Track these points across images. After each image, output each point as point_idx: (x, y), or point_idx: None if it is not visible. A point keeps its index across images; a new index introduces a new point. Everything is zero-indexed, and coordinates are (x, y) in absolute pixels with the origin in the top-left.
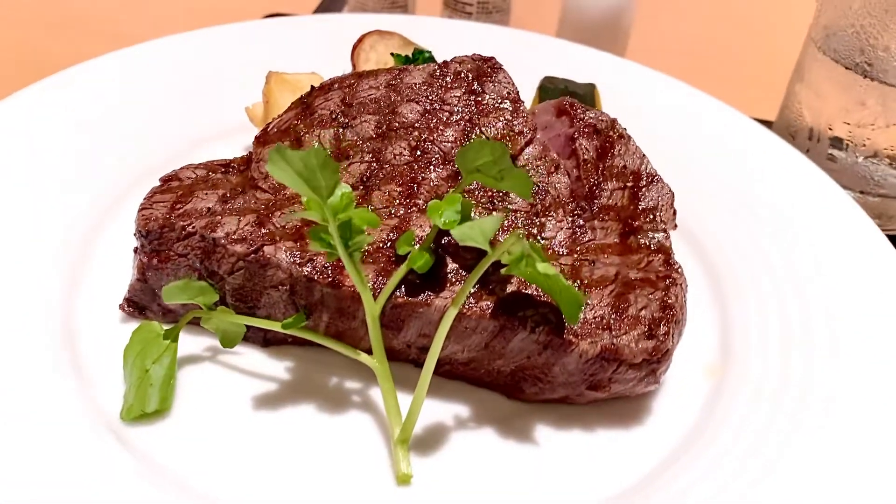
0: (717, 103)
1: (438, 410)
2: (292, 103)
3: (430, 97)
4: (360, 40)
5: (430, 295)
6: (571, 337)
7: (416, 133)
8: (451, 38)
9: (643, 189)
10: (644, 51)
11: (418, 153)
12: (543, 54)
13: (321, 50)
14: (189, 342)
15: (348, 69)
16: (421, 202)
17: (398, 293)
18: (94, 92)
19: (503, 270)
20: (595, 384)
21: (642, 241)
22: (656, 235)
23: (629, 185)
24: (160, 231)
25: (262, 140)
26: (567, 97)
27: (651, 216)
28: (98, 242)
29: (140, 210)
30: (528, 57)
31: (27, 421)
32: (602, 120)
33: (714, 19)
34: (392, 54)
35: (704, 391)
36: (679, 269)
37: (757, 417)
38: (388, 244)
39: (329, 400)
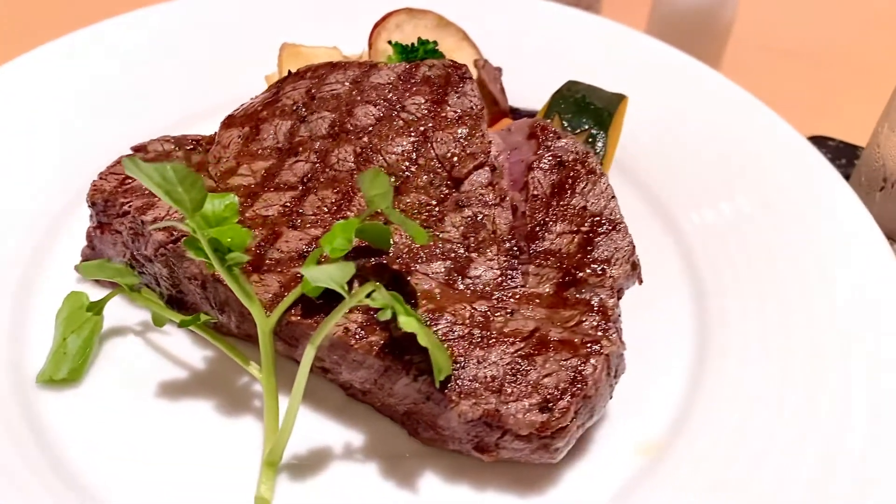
0: (788, 132)
1: (334, 433)
2: (269, 85)
3: (390, 101)
4: (384, 18)
5: (323, 318)
6: (453, 394)
7: (365, 139)
8: (497, 18)
9: (600, 236)
10: (747, 50)
11: (362, 161)
12: (601, 47)
13: (348, 22)
14: (129, 312)
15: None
16: (352, 214)
17: (293, 310)
18: (112, 54)
19: (378, 315)
20: (481, 447)
21: (582, 295)
22: (600, 292)
23: (583, 229)
24: (104, 204)
25: (227, 123)
26: (540, 119)
27: (600, 269)
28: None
29: (95, 179)
30: (581, 49)
31: None
32: (571, 151)
33: (837, 21)
34: (390, 42)
35: (629, 470)
36: (612, 336)
37: None
38: (304, 255)
39: (231, 401)
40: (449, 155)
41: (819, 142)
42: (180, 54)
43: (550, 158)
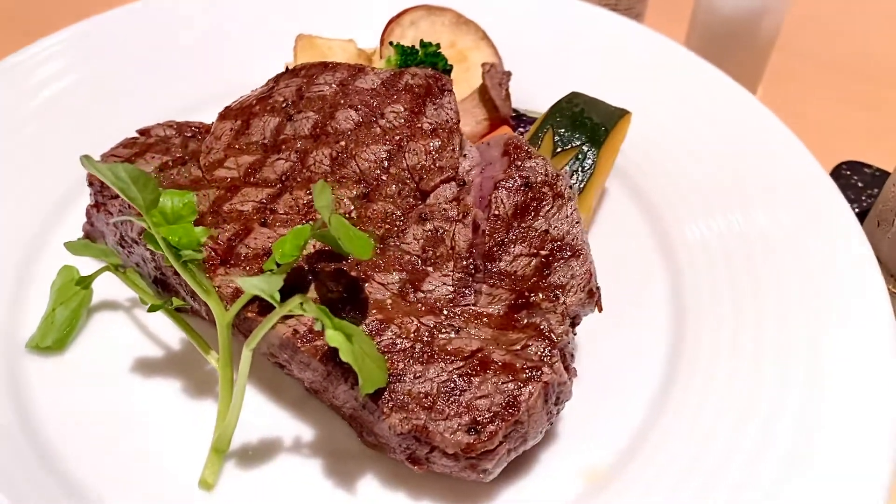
0: (804, 157)
1: (288, 426)
2: (268, 80)
3: (371, 107)
4: (400, 14)
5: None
6: (385, 406)
7: (342, 143)
8: (522, 16)
9: (558, 262)
10: (794, 60)
11: (337, 165)
12: (628, 52)
13: (369, 15)
14: (121, 289)
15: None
16: (320, 217)
17: (251, 307)
18: (137, 36)
19: (315, 325)
20: (413, 459)
21: (532, 320)
22: (551, 318)
23: (542, 253)
24: (100, 185)
25: (223, 114)
26: (515, 136)
27: (554, 295)
28: None
29: (98, 158)
30: (606, 53)
31: None
32: (540, 173)
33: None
34: (391, 43)
35: (569, 495)
36: (555, 365)
37: None
38: (269, 253)
39: (200, 384)
40: (419, 166)
41: (854, 167)
42: (204, 38)
43: (518, 178)
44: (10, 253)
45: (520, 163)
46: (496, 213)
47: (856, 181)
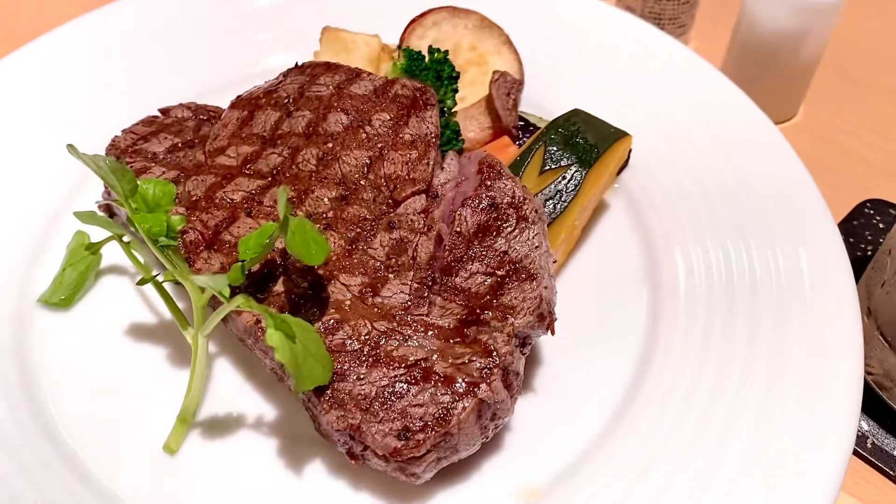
0: (812, 195)
1: (254, 404)
2: (280, 73)
3: (361, 113)
4: (422, 14)
5: None
6: (325, 402)
7: (329, 145)
8: (546, 23)
9: (513, 283)
10: (838, 85)
11: (322, 165)
12: (656, 69)
13: (402, 11)
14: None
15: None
16: (301, 213)
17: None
18: (176, 13)
19: (263, 323)
20: (351, 454)
21: (480, 336)
22: (498, 337)
23: (499, 273)
24: (115, 158)
25: (233, 103)
26: (489, 155)
27: (503, 315)
28: None
29: (116, 135)
30: (633, 69)
31: None
32: (507, 194)
33: None
34: (399, 47)
35: None
36: (493, 384)
37: None
38: None
39: (184, 353)
40: (394, 175)
41: (878, 206)
42: (240, 22)
43: (484, 198)
44: (40, 212)
45: (489, 182)
46: (458, 229)
47: (877, 221)
